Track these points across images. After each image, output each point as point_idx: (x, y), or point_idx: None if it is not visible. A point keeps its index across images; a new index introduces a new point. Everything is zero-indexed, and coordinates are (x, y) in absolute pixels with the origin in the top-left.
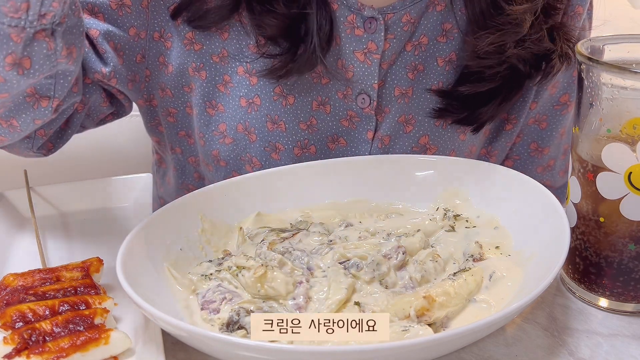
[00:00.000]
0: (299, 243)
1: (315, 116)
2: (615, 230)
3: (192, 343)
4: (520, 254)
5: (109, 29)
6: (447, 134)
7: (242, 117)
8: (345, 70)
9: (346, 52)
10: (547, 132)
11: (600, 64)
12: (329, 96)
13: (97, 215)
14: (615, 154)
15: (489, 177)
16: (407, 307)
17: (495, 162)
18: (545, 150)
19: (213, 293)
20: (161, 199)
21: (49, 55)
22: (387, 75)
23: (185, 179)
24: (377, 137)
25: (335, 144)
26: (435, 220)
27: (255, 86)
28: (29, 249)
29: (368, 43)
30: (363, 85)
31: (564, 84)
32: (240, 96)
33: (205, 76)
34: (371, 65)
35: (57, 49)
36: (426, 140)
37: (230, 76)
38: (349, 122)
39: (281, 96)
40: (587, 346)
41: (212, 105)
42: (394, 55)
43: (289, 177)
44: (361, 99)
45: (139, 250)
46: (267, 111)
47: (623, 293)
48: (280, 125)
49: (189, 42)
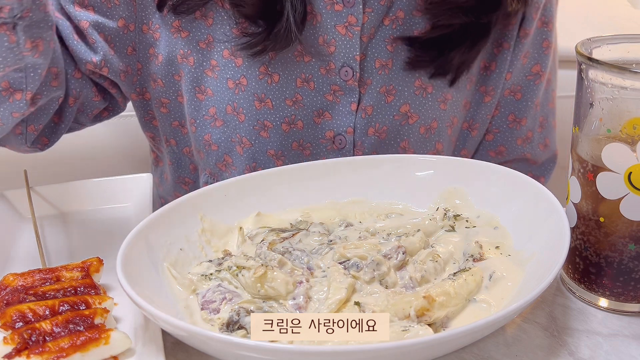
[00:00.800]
0: (299, 243)
1: (300, 92)
2: (615, 230)
3: (192, 343)
4: (520, 254)
5: (98, 20)
6: (428, 102)
7: (231, 98)
8: (327, 46)
9: (328, 27)
10: (523, 103)
11: (600, 64)
12: (312, 73)
13: (97, 215)
14: (615, 154)
15: (489, 177)
16: (407, 307)
17: (477, 135)
18: (523, 121)
19: (213, 293)
20: (162, 199)
21: (11, 47)
22: (367, 49)
23: (181, 172)
24: (360, 108)
25: (321, 118)
26: (435, 220)
27: (240, 67)
28: (29, 249)
29: (348, 17)
30: (346, 57)
31: (535, 54)
32: (227, 78)
33: (193, 62)
34: (352, 37)
35: (20, 42)
36: (407, 108)
37: (217, 60)
38: (333, 96)
39: (266, 75)
40: (587, 346)
41: (201, 90)
42: (373, 29)
43: (289, 177)
44: (344, 72)
45: (139, 250)
46: (254, 90)
47: (623, 293)
48: (267, 102)
49: (175, 30)
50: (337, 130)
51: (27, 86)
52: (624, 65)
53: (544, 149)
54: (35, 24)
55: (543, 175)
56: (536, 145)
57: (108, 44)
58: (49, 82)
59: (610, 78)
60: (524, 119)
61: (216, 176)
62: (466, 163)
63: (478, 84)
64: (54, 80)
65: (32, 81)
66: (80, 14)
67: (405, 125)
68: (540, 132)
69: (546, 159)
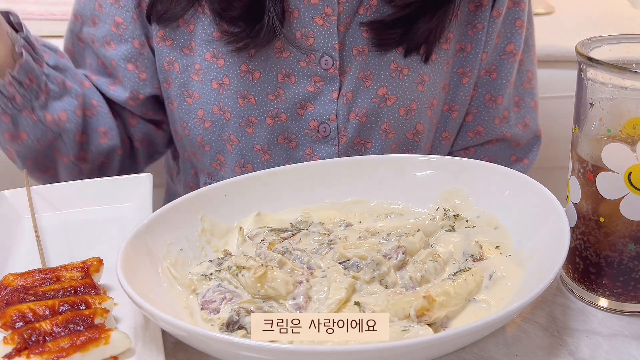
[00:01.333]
0: (299, 243)
1: (282, 87)
2: (615, 230)
3: (192, 343)
4: (520, 254)
5: (121, 50)
6: (405, 84)
7: (216, 98)
8: (305, 38)
9: (305, 21)
10: (498, 82)
11: (600, 64)
12: (292, 67)
13: (97, 215)
14: (615, 154)
15: (489, 177)
16: (407, 307)
17: (457, 117)
18: (499, 100)
19: (213, 293)
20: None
21: (35, 124)
22: (345, 38)
23: (186, 176)
24: (341, 95)
25: (304, 109)
26: (435, 220)
27: (222, 67)
28: (29, 249)
29: (324, 8)
30: (325, 47)
31: (507, 33)
32: (211, 79)
33: (178, 68)
34: (330, 27)
35: (41, 119)
36: (384, 90)
37: (200, 64)
38: (314, 86)
39: (247, 72)
40: (587, 346)
41: (189, 94)
42: (348, 18)
43: (289, 177)
44: (324, 61)
45: (139, 250)
46: (237, 88)
47: (623, 293)
48: (250, 99)
49: (160, 39)
50: (320, 119)
51: (69, 151)
52: (624, 65)
53: (523, 128)
54: (53, 101)
55: (526, 156)
56: (514, 124)
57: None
58: (96, 140)
59: (610, 78)
60: (500, 97)
61: (213, 176)
62: (466, 163)
63: (455, 66)
64: (102, 138)
65: (69, 146)
66: (109, 53)
67: (384, 107)
68: (517, 112)
69: (528, 139)
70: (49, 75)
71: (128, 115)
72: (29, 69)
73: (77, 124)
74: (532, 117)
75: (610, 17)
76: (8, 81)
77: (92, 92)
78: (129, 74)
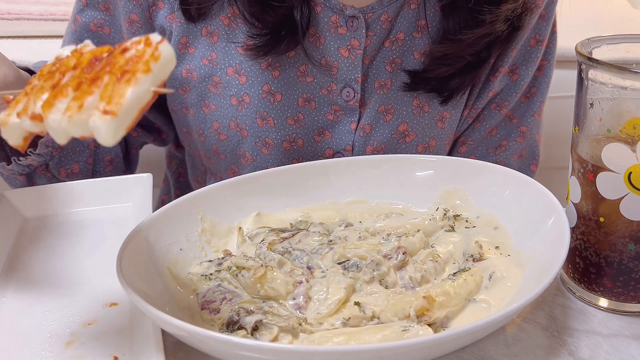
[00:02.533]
0: (299, 243)
1: (302, 112)
2: (615, 230)
3: (192, 343)
4: (520, 254)
5: None
6: (425, 121)
7: (234, 115)
8: (329, 68)
9: (331, 50)
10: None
11: (600, 64)
12: (314, 93)
13: (97, 215)
14: (615, 154)
15: (489, 177)
16: (407, 307)
17: (465, 152)
18: (494, 131)
19: (213, 293)
20: (164, 196)
21: (50, 179)
22: (368, 70)
23: (195, 171)
24: (359, 127)
25: (321, 137)
26: (435, 220)
27: (244, 85)
28: (29, 249)
29: (351, 40)
30: (347, 79)
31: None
32: (231, 95)
33: (196, 77)
34: (355, 60)
35: (55, 175)
36: (405, 127)
37: (220, 77)
38: (334, 115)
39: (269, 94)
40: (587, 346)
41: (205, 105)
42: (374, 52)
43: (289, 177)
44: (346, 93)
45: (139, 250)
46: (257, 108)
47: (623, 293)
48: (269, 121)
49: (183, 46)
50: (336, 148)
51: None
52: (624, 65)
53: (518, 159)
54: (65, 157)
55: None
56: (511, 154)
57: None
58: (102, 169)
59: (610, 78)
60: (495, 128)
61: None
62: (466, 163)
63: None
64: (108, 166)
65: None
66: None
67: (403, 143)
68: (521, 143)
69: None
70: None
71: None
72: (47, 140)
73: (88, 170)
74: (530, 150)
75: (610, 17)
76: (30, 158)
77: None
78: None
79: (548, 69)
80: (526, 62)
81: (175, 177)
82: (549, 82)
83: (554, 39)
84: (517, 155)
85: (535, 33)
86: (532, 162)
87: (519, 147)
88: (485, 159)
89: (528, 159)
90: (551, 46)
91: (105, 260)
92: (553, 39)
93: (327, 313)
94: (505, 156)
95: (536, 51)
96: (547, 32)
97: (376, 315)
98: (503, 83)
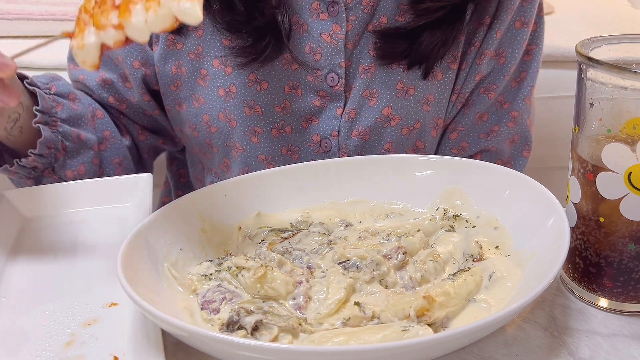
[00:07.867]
0: (299, 243)
1: (288, 99)
2: (615, 230)
3: (192, 343)
4: (520, 254)
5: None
6: (410, 104)
7: (222, 106)
8: (313, 54)
9: (314, 36)
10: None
11: (600, 64)
12: (300, 80)
13: (97, 215)
14: (615, 154)
15: (489, 177)
16: (407, 307)
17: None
18: (485, 117)
19: (213, 293)
20: (164, 198)
21: (56, 180)
22: (352, 55)
23: (194, 169)
24: (345, 112)
25: (309, 123)
26: (435, 220)
27: (230, 75)
28: (29, 249)
29: (333, 25)
30: (331, 65)
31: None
32: (218, 86)
33: (185, 72)
34: (337, 45)
35: (62, 177)
36: (389, 111)
37: (207, 69)
38: (320, 101)
39: (255, 82)
40: (587, 346)
41: (196, 98)
42: (357, 36)
43: (289, 177)
44: (330, 78)
45: (139, 250)
46: (244, 97)
47: (623, 293)
48: (256, 109)
49: (171, 43)
50: (323, 134)
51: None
52: (624, 65)
53: (510, 144)
54: (70, 158)
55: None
56: (502, 140)
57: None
58: (112, 172)
59: (610, 78)
60: (486, 114)
61: (220, 176)
62: (466, 163)
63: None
64: (117, 169)
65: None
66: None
67: (388, 127)
68: (512, 128)
69: (512, 154)
70: (64, 133)
71: (137, 132)
72: (47, 141)
73: (95, 171)
74: (522, 135)
75: (610, 17)
76: (31, 159)
77: (104, 122)
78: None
79: (537, 53)
80: (512, 45)
81: (175, 178)
82: (538, 66)
83: (542, 23)
84: (509, 141)
85: (520, 15)
86: (525, 147)
87: (511, 132)
88: (477, 145)
89: (520, 144)
90: (539, 30)
91: (105, 260)
92: (540, 23)
93: (327, 313)
94: (497, 142)
95: (522, 33)
96: (532, 15)
97: (376, 315)
98: (490, 66)
